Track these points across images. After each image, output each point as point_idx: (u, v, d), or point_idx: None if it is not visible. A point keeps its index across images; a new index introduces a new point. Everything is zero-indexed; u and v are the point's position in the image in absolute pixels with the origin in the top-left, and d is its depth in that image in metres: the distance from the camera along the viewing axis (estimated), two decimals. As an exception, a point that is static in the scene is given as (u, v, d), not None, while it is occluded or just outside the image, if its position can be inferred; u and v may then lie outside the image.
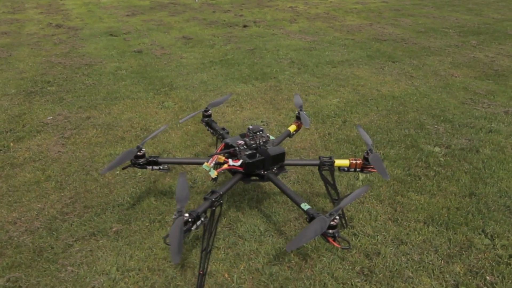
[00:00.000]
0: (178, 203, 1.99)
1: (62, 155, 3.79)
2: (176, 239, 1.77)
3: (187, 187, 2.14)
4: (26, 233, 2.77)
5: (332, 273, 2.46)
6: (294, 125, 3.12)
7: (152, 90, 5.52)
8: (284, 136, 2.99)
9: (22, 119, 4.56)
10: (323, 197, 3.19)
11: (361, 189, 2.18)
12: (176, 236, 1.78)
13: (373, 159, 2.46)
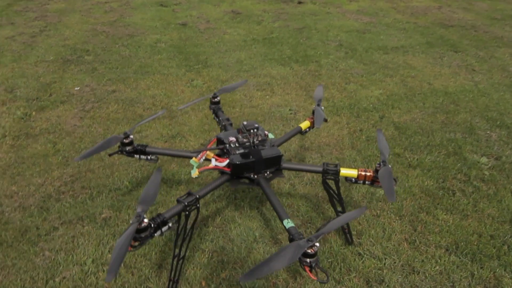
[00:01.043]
0: (139, 205, 1.75)
1: (77, 129, 3.74)
2: (118, 251, 1.54)
3: (158, 187, 1.90)
4: (18, 210, 2.74)
5: (322, 299, 2.13)
6: (308, 121, 2.74)
7: (185, 66, 5.33)
8: (291, 134, 2.63)
9: (51, 87, 4.60)
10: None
11: (356, 211, 1.80)
12: (120, 249, 1.55)
13: (383, 173, 2.04)
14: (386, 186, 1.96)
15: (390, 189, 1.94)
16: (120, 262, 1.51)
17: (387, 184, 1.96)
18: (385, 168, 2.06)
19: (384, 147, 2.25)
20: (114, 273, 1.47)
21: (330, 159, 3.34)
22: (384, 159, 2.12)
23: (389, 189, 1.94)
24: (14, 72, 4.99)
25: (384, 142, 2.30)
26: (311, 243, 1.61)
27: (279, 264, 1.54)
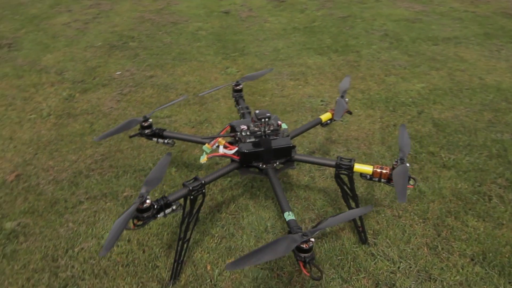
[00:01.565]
0: (144, 186, 1.81)
1: (113, 111, 3.92)
2: (116, 229, 1.60)
3: (164, 170, 1.94)
4: (52, 183, 2.93)
5: (326, 295, 2.08)
6: (329, 113, 2.66)
7: (222, 54, 5.37)
8: (310, 126, 2.56)
9: (95, 71, 4.84)
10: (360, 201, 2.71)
11: (360, 210, 1.72)
12: (118, 226, 1.61)
13: (398, 171, 1.93)
14: (399, 185, 1.85)
15: (403, 189, 1.82)
16: (115, 239, 1.57)
17: (400, 183, 1.85)
18: (402, 166, 1.95)
19: (405, 144, 2.13)
20: (108, 249, 1.53)
21: (357, 154, 3.22)
22: (403, 157, 2.01)
23: (402, 188, 1.83)
24: (65, 56, 5.32)
25: (406, 139, 2.17)
26: (305, 238, 1.57)
27: (270, 256, 1.52)
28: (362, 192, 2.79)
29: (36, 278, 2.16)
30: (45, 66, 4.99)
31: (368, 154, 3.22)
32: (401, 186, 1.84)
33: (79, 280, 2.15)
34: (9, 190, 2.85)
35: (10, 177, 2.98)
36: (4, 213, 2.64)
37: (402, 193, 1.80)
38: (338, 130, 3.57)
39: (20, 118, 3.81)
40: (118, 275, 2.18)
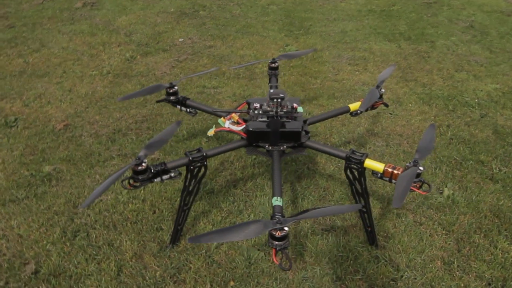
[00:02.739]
0: (143, 149, 1.86)
1: (165, 76, 4.07)
2: (102, 186, 1.68)
3: (168, 138, 1.98)
4: (93, 136, 3.17)
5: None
6: (360, 102, 2.47)
7: (286, 30, 5.24)
8: (335, 113, 2.41)
9: (161, 36, 5.04)
10: (376, 196, 2.53)
11: (347, 207, 1.59)
12: (105, 184, 1.69)
13: (404, 174, 1.74)
14: (398, 189, 1.67)
15: (401, 193, 1.64)
16: (97, 196, 1.64)
17: (401, 186, 1.67)
18: (411, 169, 1.75)
19: (426, 145, 1.90)
20: (88, 204, 1.62)
21: (395, 151, 2.98)
22: (417, 159, 1.81)
23: (400, 192, 1.65)
24: (138, 19, 5.61)
25: (430, 140, 1.95)
26: (278, 226, 1.51)
27: (237, 236, 1.48)
28: (389, 192, 2.59)
29: (55, 219, 2.37)
30: (118, 27, 5.32)
31: (408, 153, 2.96)
32: (401, 189, 1.66)
33: (90, 228, 2.33)
34: (55, 137, 3.14)
35: (59, 126, 3.27)
36: (46, 157, 2.92)
37: (398, 197, 1.62)
38: (383, 122, 3.32)
39: (82, 73, 4.14)
40: (125, 230, 2.32)
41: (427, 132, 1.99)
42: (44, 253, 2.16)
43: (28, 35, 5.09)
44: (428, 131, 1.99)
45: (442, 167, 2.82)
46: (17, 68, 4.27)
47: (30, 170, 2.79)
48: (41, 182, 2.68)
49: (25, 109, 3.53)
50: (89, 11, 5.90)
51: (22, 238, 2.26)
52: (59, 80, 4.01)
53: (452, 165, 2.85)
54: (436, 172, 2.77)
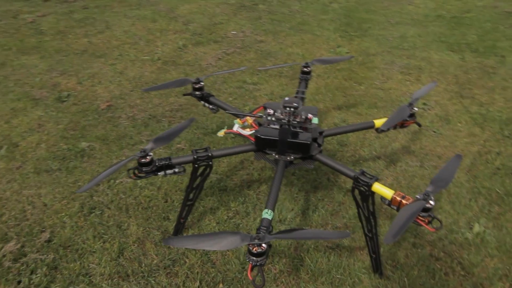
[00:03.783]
0: (151, 142, 1.91)
1: (209, 68, 4.13)
2: (104, 172, 1.75)
3: (178, 133, 2.01)
4: (130, 119, 3.31)
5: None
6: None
7: (342, 31, 5.05)
8: (357, 127, 2.27)
9: (215, 27, 5.12)
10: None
11: (335, 233, 1.50)
12: (106, 173, 1.75)
13: (407, 207, 1.59)
14: (396, 223, 1.53)
15: (397, 229, 1.51)
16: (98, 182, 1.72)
17: (399, 221, 1.54)
18: (418, 202, 1.61)
19: (444, 178, 1.73)
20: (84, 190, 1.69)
21: (428, 174, 2.76)
22: (429, 192, 1.65)
23: (396, 228, 1.51)
24: (198, 9, 5.74)
25: (450, 172, 1.76)
26: (256, 242, 1.46)
27: (210, 246, 1.46)
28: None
29: (77, 194, 2.54)
30: (178, 15, 5.49)
31: (442, 178, 2.72)
32: (398, 225, 1.52)
33: (105, 207, 2.45)
34: (97, 116, 3.34)
35: (103, 105, 3.47)
36: (85, 134, 3.12)
37: (392, 233, 1.49)
38: (424, 140, 3.09)
39: (136, 57, 4.34)
40: (135, 214, 2.41)
41: (450, 162, 1.81)
42: (60, 224, 2.33)
43: (97, 17, 5.44)
44: (452, 162, 1.81)
45: (479, 199, 2.56)
46: (81, 47, 4.59)
47: (68, 144, 3.00)
48: (74, 157, 2.88)
49: (78, 86, 3.80)
50: (157, -3, 6.17)
51: (46, 207, 2.45)
52: (113, 62, 4.25)
53: (491, 198, 2.57)
54: (471, 204, 2.52)
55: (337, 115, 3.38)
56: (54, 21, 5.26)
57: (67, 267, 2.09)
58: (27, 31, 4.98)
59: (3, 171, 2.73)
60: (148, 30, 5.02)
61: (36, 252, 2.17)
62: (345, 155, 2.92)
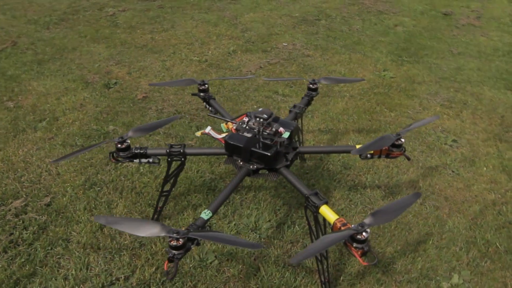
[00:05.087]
0: (131, 130, 2.11)
1: (247, 74, 4.28)
2: (82, 149, 1.98)
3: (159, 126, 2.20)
4: (158, 111, 3.59)
5: None
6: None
7: (395, 55, 4.87)
8: (330, 150, 2.24)
9: (269, 37, 5.26)
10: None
11: (248, 243, 1.51)
12: (85, 148, 1.98)
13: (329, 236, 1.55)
14: (311, 247, 1.52)
15: (307, 252, 1.50)
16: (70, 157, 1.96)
17: (314, 245, 1.52)
18: (345, 232, 1.57)
19: (390, 211, 1.66)
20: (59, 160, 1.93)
21: (426, 214, 2.58)
22: (364, 224, 1.59)
23: (307, 251, 1.50)
24: (261, 18, 5.94)
25: (399, 208, 1.68)
26: (174, 236, 1.53)
27: (133, 230, 1.56)
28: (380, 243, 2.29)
29: (87, 170, 2.84)
30: (239, 22, 5.75)
31: (440, 225, 2.53)
32: (311, 248, 1.51)
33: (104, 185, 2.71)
34: (131, 104, 3.68)
35: (140, 96, 3.81)
36: (115, 118, 3.46)
37: (300, 255, 1.48)
38: (436, 178, 2.89)
39: (186, 57, 4.66)
40: (126, 196, 2.63)
41: (404, 199, 1.73)
42: (62, 193, 2.64)
43: (167, 16, 5.92)
44: (406, 199, 1.73)
45: (472, 250, 2.34)
46: (143, 42, 5.06)
47: (98, 126, 3.36)
48: (98, 137, 3.22)
49: (126, 76, 4.20)
50: (227, 3, 6.50)
51: (58, 176, 2.80)
52: (165, 58, 4.62)
53: (486, 252, 2.33)
54: (460, 254, 2.32)
55: (353, 137, 3.30)
56: (129, 16, 5.85)
57: (53, 230, 2.37)
58: (105, 23, 5.61)
59: (38, 139, 3.16)
60: (207, 33, 5.34)
61: (35, 212, 2.49)
62: (345, 179, 2.85)
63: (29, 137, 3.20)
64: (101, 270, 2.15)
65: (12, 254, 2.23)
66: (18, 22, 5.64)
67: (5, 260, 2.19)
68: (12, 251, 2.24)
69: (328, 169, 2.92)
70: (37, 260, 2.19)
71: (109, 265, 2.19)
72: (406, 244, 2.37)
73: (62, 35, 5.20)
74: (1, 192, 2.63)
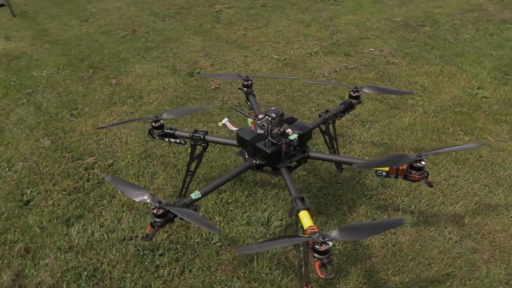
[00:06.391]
0: (165, 111, 2.45)
1: (322, 78, 4.28)
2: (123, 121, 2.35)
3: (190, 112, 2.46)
4: (221, 102, 3.88)
5: None
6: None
7: (501, 72, 4.28)
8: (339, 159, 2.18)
9: (358, 41, 5.13)
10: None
11: (210, 226, 1.63)
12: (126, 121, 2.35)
13: (288, 238, 1.59)
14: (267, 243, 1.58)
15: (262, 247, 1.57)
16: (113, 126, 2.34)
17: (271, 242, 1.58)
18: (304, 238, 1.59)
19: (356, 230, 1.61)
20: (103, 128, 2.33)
21: (455, 255, 2.33)
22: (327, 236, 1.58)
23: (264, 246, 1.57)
24: (357, 21, 5.81)
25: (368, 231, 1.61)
26: (156, 205, 1.76)
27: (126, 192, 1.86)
28: (387, 276, 2.17)
29: (147, 143, 3.28)
30: (333, 24, 5.72)
31: (470, 269, 2.26)
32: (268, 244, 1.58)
33: (156, 158, 3.10)
34: (203, 93, 4.03)
35: (213, 86, 4.15)
36: (185, 103, 3.86)
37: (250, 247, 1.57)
38: (488, 216, 2.55)
39: (268, 54, 4.87)
40: (168, 171, 2.97)
41: (384, 222, 1.68)
42: (122, 158, 3.12)
43: (266, 15, 6.21)
44: (387, 223, 1.67)
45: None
46: (234, 37, 5.43)
47: (170, 107, 3.80)
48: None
49: (209, 67, 4.61)
50: (328, 5, 6.50)
51: (125, 144, 3.29)
52: (248, 54, 4.90)
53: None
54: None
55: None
56: (232, 13, 6.31)
57: (106, 186, 2.84)
58: (209, 18, 6.17)
59: (122, 112, 3.72)
60: (296, 33, 5.46)
61: (99, 169, 3.01)
62: (378, 197, 2.71)
63: (116, 109, 3.80)
64: (127, 226, 2.53)
65: (73, 197, 2.75)
66: (143, 13, 6.58)
67: (66, 201, 2.72)
68: (73, 195, 2.77)
69: (363, 183, 2.82)
70: (87, 207, 2.68)
71: (134, 223, 2.55)
72: (417, 279, 2.19)
73: (171, 27, 5.90)
74: (82, 150, 3.23)
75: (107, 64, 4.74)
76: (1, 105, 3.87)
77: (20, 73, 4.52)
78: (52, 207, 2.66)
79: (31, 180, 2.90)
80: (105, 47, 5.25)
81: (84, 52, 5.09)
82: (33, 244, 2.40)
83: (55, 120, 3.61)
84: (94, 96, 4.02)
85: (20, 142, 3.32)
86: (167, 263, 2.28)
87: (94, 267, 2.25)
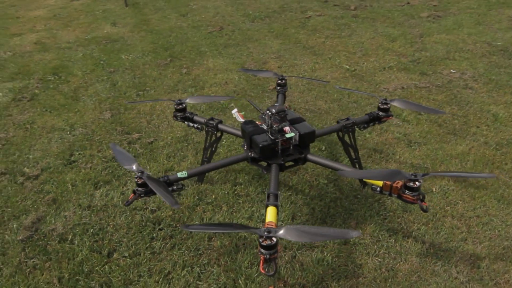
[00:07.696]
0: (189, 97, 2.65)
1: (383, 92, 4.06)
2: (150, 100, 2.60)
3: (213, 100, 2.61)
4: (269, 100, 3.95)
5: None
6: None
7: None
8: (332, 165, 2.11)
9: (440, 61, 4.72)
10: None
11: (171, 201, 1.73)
12: (152, 99, 2.60)
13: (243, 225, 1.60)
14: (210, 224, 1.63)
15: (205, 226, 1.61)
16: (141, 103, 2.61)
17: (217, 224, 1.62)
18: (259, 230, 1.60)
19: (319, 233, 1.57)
20: (131, 103, 2.60)
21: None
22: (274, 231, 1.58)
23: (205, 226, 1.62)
24: (450, 41, 5.35)
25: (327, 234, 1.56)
26: (138, 174, 1.93)
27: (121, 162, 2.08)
28: None
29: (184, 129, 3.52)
30: (422, 41, 5.35)
31: None
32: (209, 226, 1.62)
33: (191, 142, 3.33)
34: (261, 91, 4.16)
35: (271, 87, 4.24)
36: (241, 97, 4.03)
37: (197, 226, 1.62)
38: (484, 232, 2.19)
39: (338, 63, 4.79)
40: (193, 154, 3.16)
41: (336, 231, 1.60)
42: (163, 138, 3.41)
43: (353, 25, 6.08)
44: (339, 232, 1.59)
45: None
46: (312, 44, 5.45)
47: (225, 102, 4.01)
48: (217, 109, 3.83)
49: (276, 69, 4.71)
50: (425, 21, 6.09)
51: (171, 128, 3.58)
52: (318, 61, 4.89)
53: None
54: None
55: (443, 184, 2.79)
56: (320, 21, 6.31)
57: (139, 161, 3.14)
58: (296, 23, 6.27)
59: (178, 98, 4.05)
60: (377, 46, 5.25)
61: (139, 145, 3.35)
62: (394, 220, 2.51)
63: (177, 96, 4.15)
64: (143, 199, 2.76)
65: (108, 165, 3.12)
66: (237, 13, 6.98)
67: (102, 167, 3.08)
68: (110, 163, 3.13)
69: (383, 203, 2.64)
70: (117, 175, 3.01)
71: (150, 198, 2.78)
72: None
73: (257, 28, 6.16)
74: (133, 126, 3.62)
75: (185, 55, 5.17)
76: (86, 79, 4.52)
77: (111, 54, 5.21)
78: (89, 170, 3.04)
79: (82, 145, 3.36)
80: (190, 40, 5.72)
81: (171, 43, 5.62)
82: (62, 197, 2.79)
83: (122, 97, 4.09)
84: (162, 81, 4.43)
85: (87, 111, 3.86)
86: (162, 237, 2.45)
87: (101, 226, 2.53)
